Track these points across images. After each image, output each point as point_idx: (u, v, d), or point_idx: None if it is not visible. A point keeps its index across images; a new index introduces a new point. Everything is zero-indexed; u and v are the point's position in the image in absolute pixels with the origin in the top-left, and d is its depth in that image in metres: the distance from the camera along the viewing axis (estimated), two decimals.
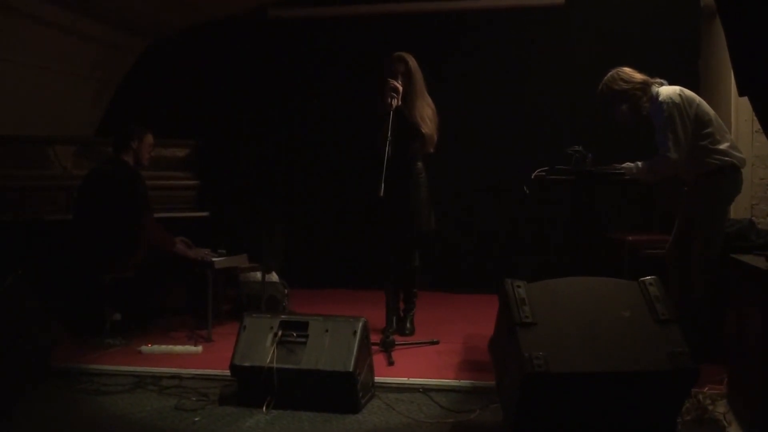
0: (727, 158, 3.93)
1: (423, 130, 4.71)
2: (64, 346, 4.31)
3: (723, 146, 3.94)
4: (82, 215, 4.86)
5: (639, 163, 4.11)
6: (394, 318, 4.89)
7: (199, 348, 4.44)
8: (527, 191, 4.33)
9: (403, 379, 3.75)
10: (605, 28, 6.30)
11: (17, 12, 5.45)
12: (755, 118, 3.56)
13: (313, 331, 3.45)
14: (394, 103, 4.51)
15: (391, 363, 4.11)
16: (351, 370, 3.30)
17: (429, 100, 4.85)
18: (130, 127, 4.96)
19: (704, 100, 4.10)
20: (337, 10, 6.83)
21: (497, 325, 3.26)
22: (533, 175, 4.26)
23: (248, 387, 3.45)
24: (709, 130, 3.96)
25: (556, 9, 6.40)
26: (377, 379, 3.67)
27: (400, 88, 4.61)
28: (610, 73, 4.17)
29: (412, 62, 4.79)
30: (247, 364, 3.42)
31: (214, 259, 4.84)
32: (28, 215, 5.25)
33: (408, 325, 4.95)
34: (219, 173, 6.82)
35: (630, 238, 5.27)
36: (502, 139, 6.55)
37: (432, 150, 4.87)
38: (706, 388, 3.41)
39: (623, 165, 4.17)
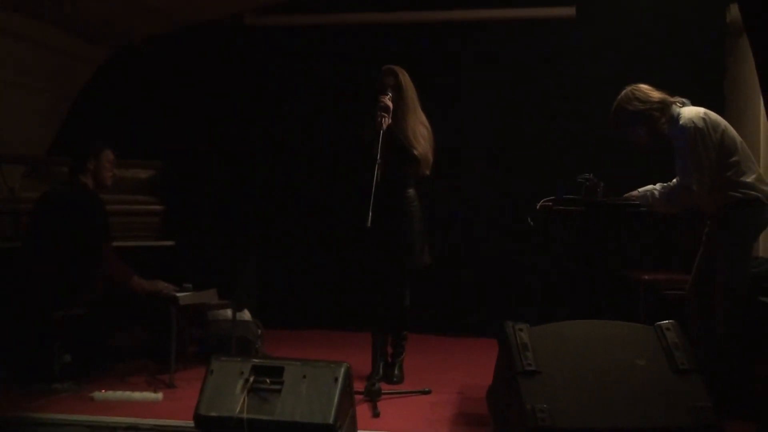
0: (752, 191, 3.93)
1: (415, 152, 4.72)
2: (6, 391, 4.27)
3: (749, 178, 3.95)
4: (33, 243, 4.84)
5: (656, 192, 4.12)
6: (381, 364, 4.87)
7: (160, 395, 4.40)
8: (531, 223, 4.35)
9: None
10: (620, 43, 6.37)
11: None
12: None
13: (289, 377, 3.43)
14: (385, 122, 4.52)
15: (376, 414, 4.08)
16: (331, 422, 3.28)
17: (423, 117, 4.88)
18: (86, 143, 4.94)
19: (730, 124, 4.11)
20: (320, 18, 6.86)
21: (496, 374, 3.26)
22: (538, 205, 4.29)
23: None
24: (734, 159, 3.97)
25: (566, 21, 6.47)
26: None
27: (391, 106, 4.63)
28: (625, 91, 4.18)
29: (404, 76, 4.83)
30: (213, 414, 3.39)
31: (178, 294, 4.81)
32: None
33: (396, 371, 4.94)
34: (186, 198, 6.82)
35: (646, 276, 5.30)
36: (504, 164, 6.60)
37: (427, 172, 4.87)
38: None
39: (638, 192, 4.20)
